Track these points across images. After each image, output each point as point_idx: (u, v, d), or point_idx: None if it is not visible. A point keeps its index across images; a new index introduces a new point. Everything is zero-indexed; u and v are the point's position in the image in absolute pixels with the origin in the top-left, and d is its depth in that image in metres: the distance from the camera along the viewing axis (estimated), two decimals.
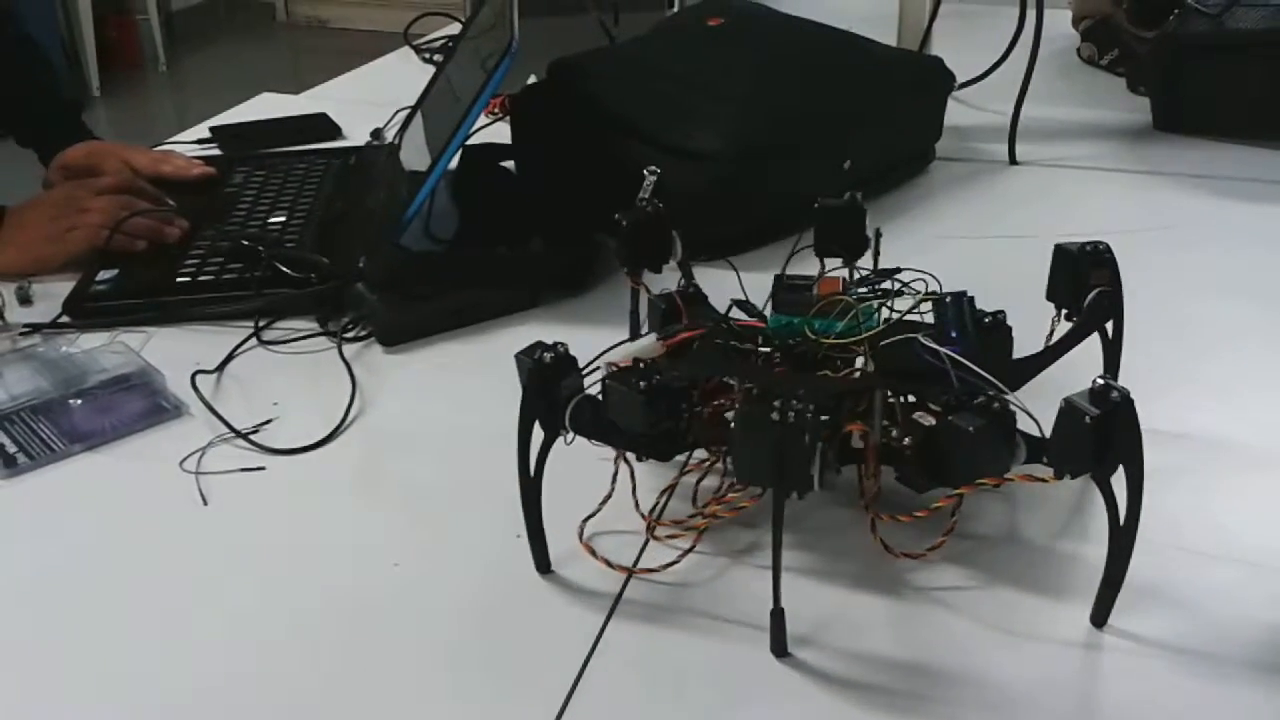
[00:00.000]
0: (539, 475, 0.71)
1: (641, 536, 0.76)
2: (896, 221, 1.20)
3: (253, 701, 0.66)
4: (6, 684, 0.67)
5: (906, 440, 0.70)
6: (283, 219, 1.18)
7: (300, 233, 1.15)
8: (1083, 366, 0.77)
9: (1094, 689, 0.66)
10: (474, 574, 0.74)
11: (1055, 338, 0.81)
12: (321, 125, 1.49)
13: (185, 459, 0.84)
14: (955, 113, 1.36)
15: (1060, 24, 1.65)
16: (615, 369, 0.72)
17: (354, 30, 4.94)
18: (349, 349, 0.98)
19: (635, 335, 0.91)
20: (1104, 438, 0.63)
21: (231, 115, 1.55)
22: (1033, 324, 0.82)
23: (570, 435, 0.70)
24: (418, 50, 1.79)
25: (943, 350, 0.73)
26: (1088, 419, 0.62)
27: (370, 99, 1.50)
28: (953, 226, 0.85)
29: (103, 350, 0.96)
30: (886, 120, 1.26)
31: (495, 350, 0.96)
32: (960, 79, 1.38)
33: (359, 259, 1.02)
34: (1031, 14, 1.34)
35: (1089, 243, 0.80)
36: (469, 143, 1.27)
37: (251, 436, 0.87)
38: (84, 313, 1.03)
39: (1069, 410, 0.64)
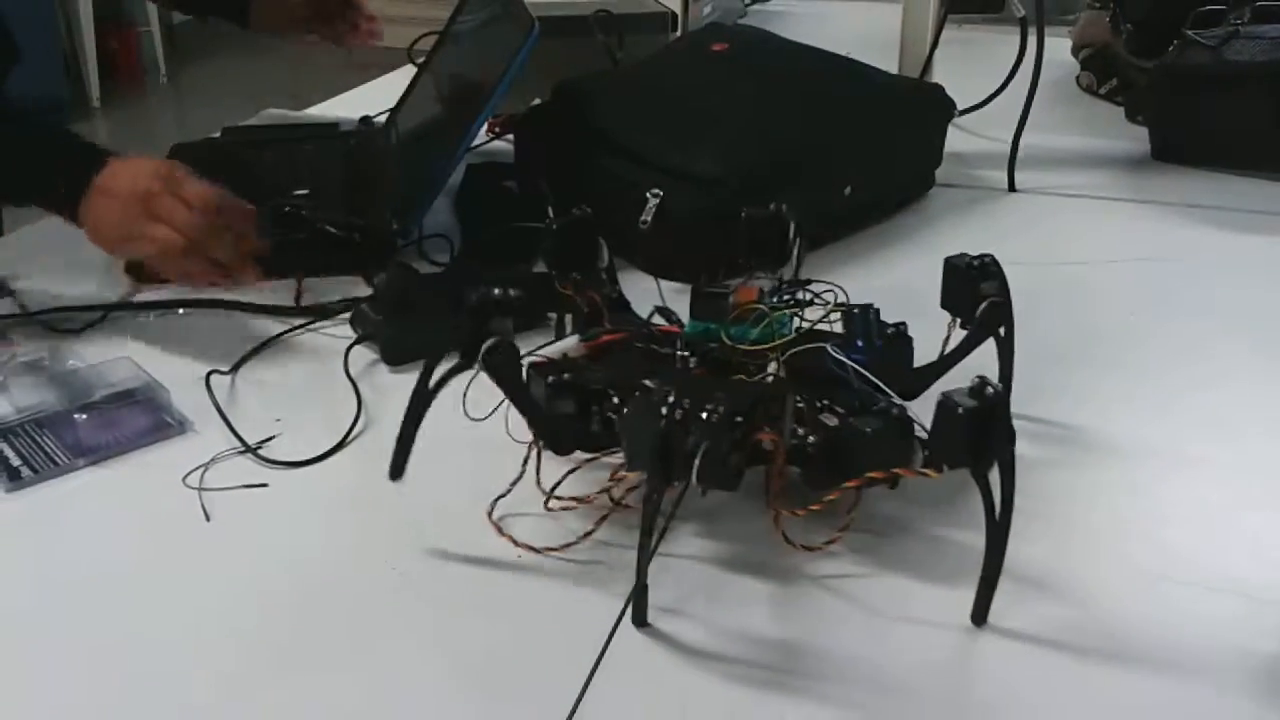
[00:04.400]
0: (435, 391, 0.76)
1: (550, 521, 0.80)
2: (896, 247, 1.21)
3: (256, 715, 0.66)
4: (7, 696, 0.67)
5: (810, 439, 0.75)
6: (305, 191, 1.24)
7: (328, 201, 1.22)
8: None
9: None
10: (472, 588, 0.75)
11: (950, 345, 0.86)
12: (329, 133, 1.50)
13: (188, 474, 0.85)
14: (955, 139, 1.37)
15: (1059, 52, 1.66)
16: (539, 361, 0.79)
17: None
18: (354, 363, 0.98)
19: (561, 336, 0.96)
20: (978, 432, 0.67)
21: None
22: (1028, 345, 0.87)
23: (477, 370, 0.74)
24: (419, 67, 1.79)
25: (847, 359, 0.79)
26: (960, 410, 0.67)
27: (372, 113, 1.50)
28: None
29: (108, 365, 0.96)
30: (887, 147, 1.27)
31: None
32: (960, 105, 1.38)
33: (390, 220, 1.14)
34: (1032, 42, 1.35)
35: (978, 256, 0.86)
36: (472, 161, 1.30)
37: (255, 452, 0.87)
38: (144, 276, 1.10)
39: (945, 405, 0.68)
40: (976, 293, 0.85)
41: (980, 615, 0.72)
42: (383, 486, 0.82)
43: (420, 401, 0.77)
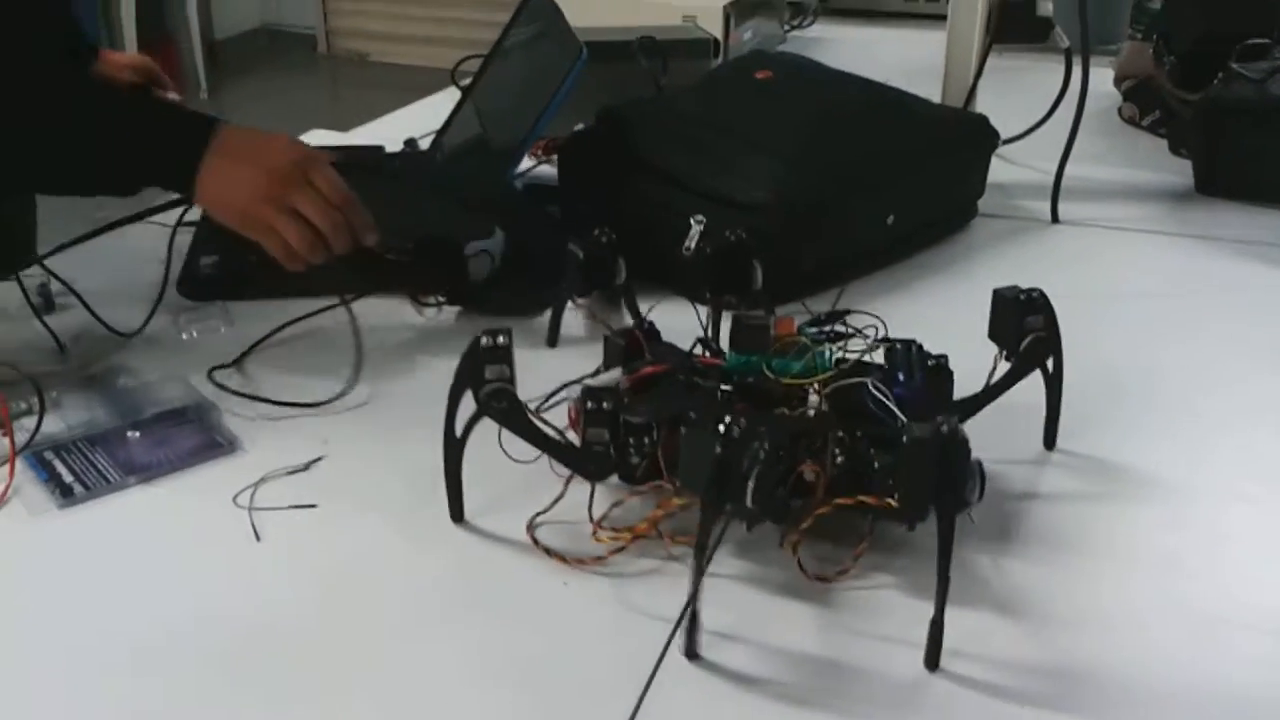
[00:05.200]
0: (463, 438, 0.80)
1: (590, 541, 0.81)
2: (939, 277, 1.21)
3: None
4: (60, 711, 0.68)
5: (839, 459, 0.76)
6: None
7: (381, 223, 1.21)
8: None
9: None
10: (519, 608, 0.76)
11: (996, 375, 0.87)
12: (375, 154, 1.51)
13: (238, 494, 0.86)
14: (997, 169, 1.37)
15: (1101, 82, 1.66)
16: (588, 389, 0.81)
17: (394, 65, 5.00)
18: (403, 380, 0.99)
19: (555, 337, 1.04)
20: (943, 474, 0.69)
21: None
22: (1070, 378, 0.88)
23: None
24: (461, 89, 1.81)
25: (888, 394, 0.80)
26: (917, 445, 0.69)
27: (417, 135, 1.52)
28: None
29: (160, 382, 0.98)
30: (931, 177, 1.27)
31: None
32: (1002, 133, 1.38)
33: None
34: (1077, 73, 1.35)
35: (1027, 290, 0.86)
36: (526, 184, 1.33)
37: (303, 474, 0.88)
38: (195, 293, 1.12)
39: (909, 437, 0.70)
40: (1022, 326, 0.86)
41: (933, 660, 0.71)
42: (431, 508, 0.83)
43: (453, 449, 0.81)
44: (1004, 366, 0.88)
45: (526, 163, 1.39)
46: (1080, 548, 0.83)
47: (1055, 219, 1.35)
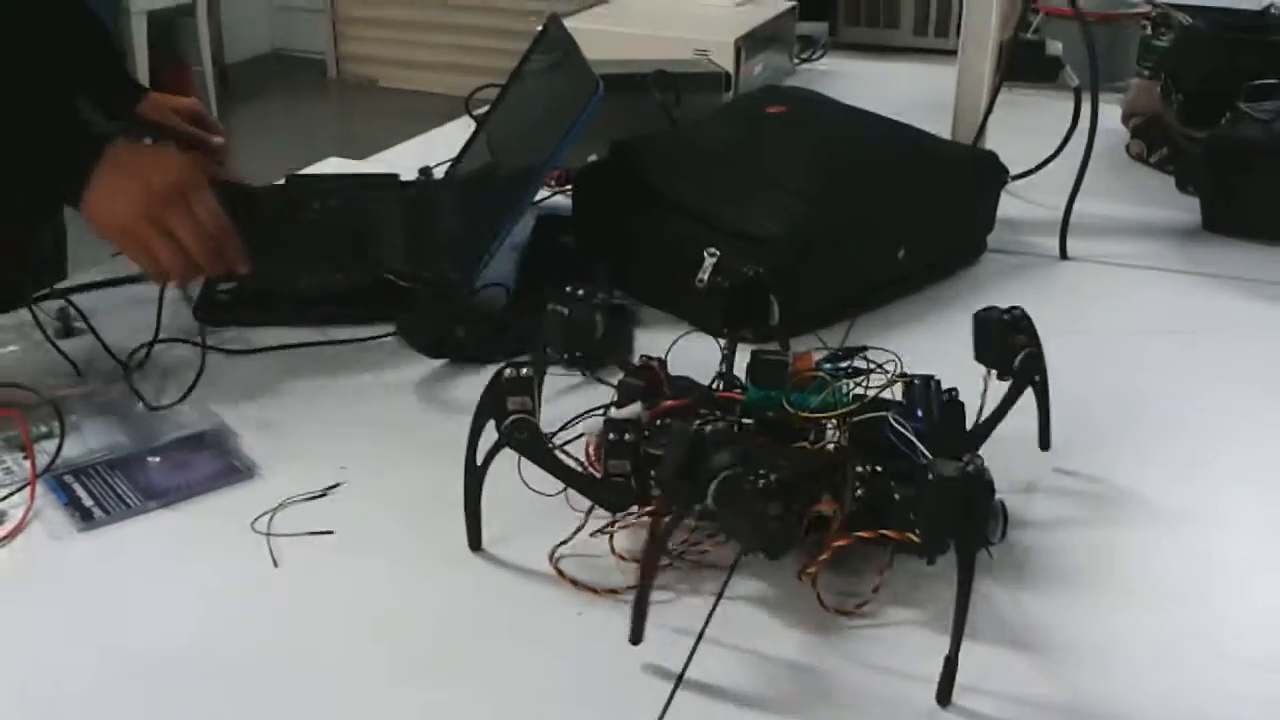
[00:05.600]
0: (484, 467, 0.81)
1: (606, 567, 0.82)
2: (948, 312, 1.22)
3: None
4: None
5: (859, 492, 0.77)
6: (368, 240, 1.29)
7: (390, 252, 1.28)
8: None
9: None
10: (543, 651, 0.76)
11: (987, 393, 0.89)
12: (389, 183, 1.53)
13: (256, 519, 0.86)
14: (1006, 204, 1.39)
15: (1109, 119, 1.67)
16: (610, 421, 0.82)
17: (404, 90, 5.03)
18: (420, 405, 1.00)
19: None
20: (965, 508, 0.70)
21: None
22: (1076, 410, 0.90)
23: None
24: (476, 119, 1.83)
25: (907, 428, 0.80)
26: (940, 483, 0.69)
27: (432, 163, 1.53)
28: None
29: (179, 408, 0.99)
30: (941, 212, 1.28)
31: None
32: (1011, 168, 1.40)
33: (452, 271, 1.17)
34: (1086, 110, 1.37)
35: (1008, 309, 0.89)
36: (541, 214, 1.34)
37: (320, 500, 0.89)
38: (213, 319, 1.14)
39: (931, 475, 0.70)
40: (1011, 344, 0.89)
41: (944, 696, 0.72)
42: (448, 536, 0.84)
43: (473, 478, 0.82)
44: (995, 385, 0.89)
45: (541, 193, 1.40)
46: (1093, 580, 0.83)
47: (1064, 255, 1.36)
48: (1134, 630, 0.79)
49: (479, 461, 0.82)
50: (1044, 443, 0.95)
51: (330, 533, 0.86)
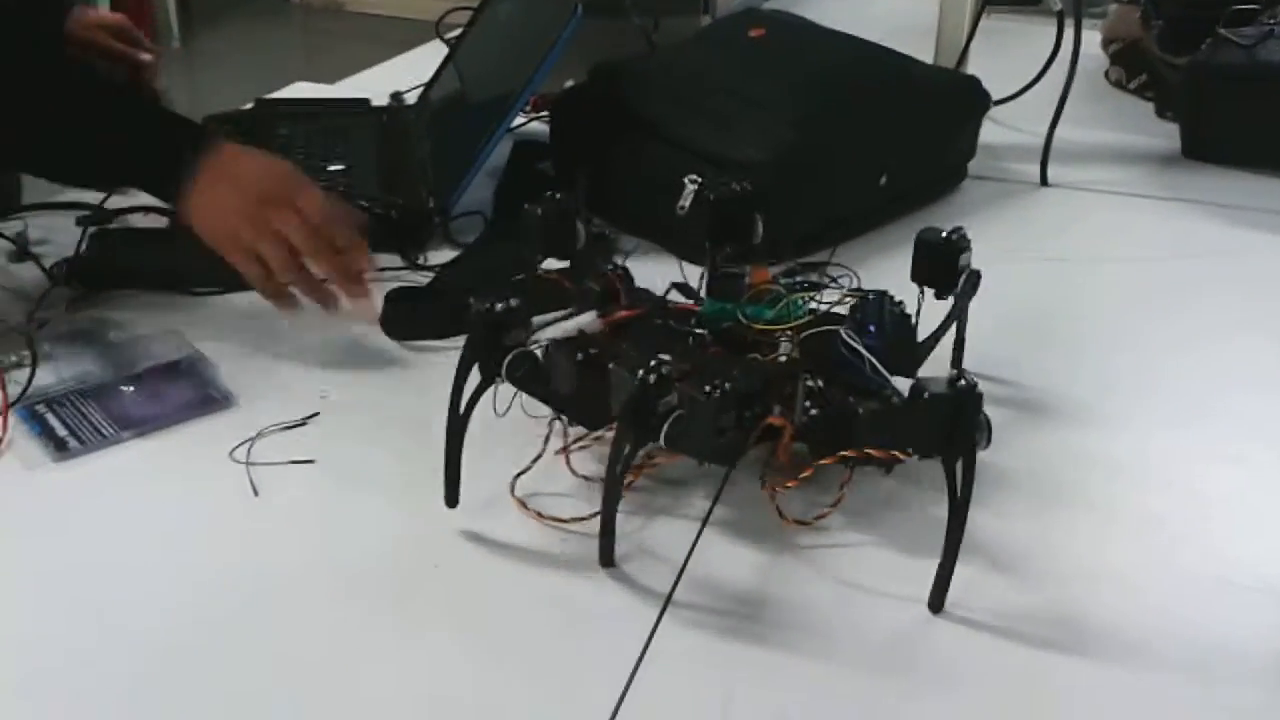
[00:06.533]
0: (467, 415, 0.77)
1: (569, 494, 0.82)
2: None
3: (303, 692, 0.67)
4: (51, 669, 0.68)
5: (813, 411, 0.78)
6: (341, 166, 1.26)
7: (363, 178, 1.25)
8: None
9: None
10: (512, 572, 0.76)
11: (922, 311, 0.89)
12: (361, 108, 1.50)
13: (235, 449, 0.85)
14: (986, 130, 1.37)
15: (1089, 45, 1.65)
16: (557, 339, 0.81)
17: (369, 15, 4.94)
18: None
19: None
20: (950, 422, 0.70)
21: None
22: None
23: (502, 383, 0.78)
24: (447, 43, 1.79)
25: (859, 343, 0.81)
26: (930, 398, 0.70)
27: (403, 89, 1.51)
28: (986, 247, 0.89)
29: (154, 337, 0.97)
30: (923, 138, 1.27)
31: None
32: (991, 94, 1.38)
33: (427, 198, 1.15)
34: (1068, 37, 1.35)
35: (951, 230, 0.88)
36: (517, 140, 1.32)
37: (300, 429, 0.88)
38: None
39: (917, 392, 0.71)
40: (955, 264, 0.88)
41: (937, 603, 0.73)
42: (423, 464, 0.83)
43: (456, 427, 0.78)
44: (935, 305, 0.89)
45: (518, 120, 1.38)
46: (1071, 497, 0.85)
47: (1044, 182, 1.35)
48: (1104, 552, 0.79)
49: (462, 409, 0.78)
50: (956, 362, 0.94)
51: (311, 462, 0.85)
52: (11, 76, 0.95)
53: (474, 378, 0.78)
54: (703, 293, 0.91)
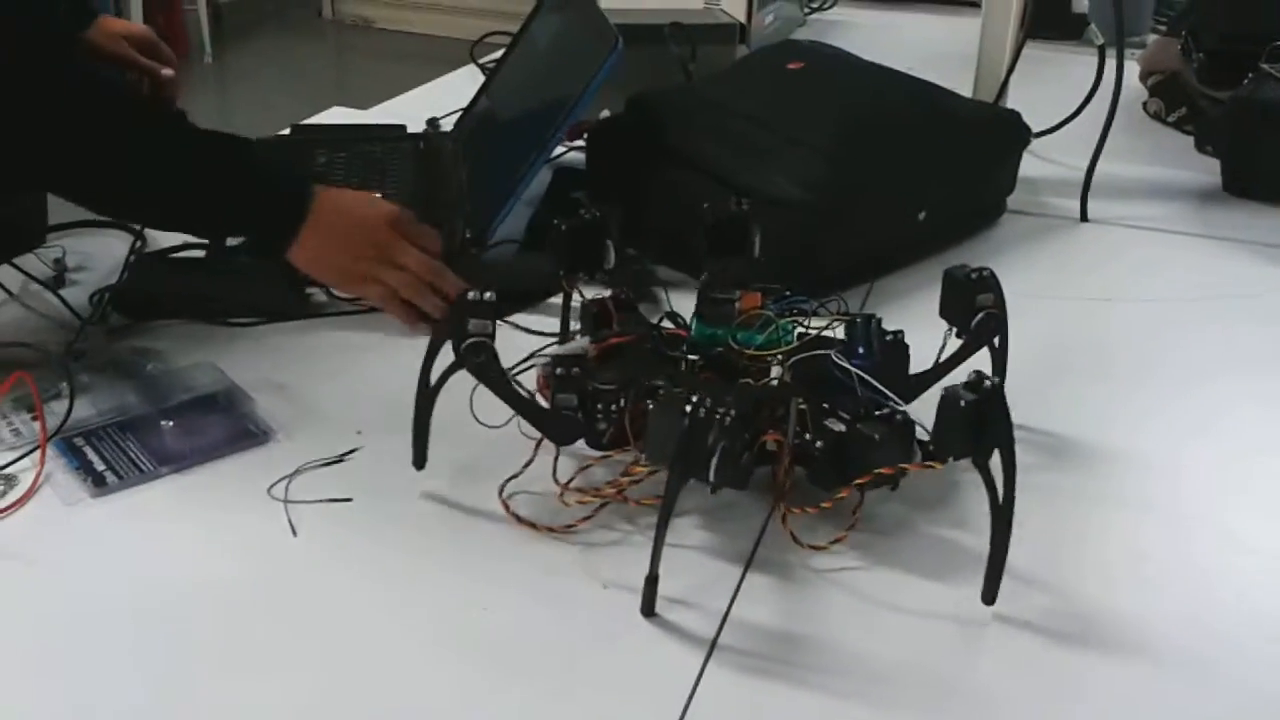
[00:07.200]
0: (436, 389, 0.82)
1: (562, 510, 0.83)
2: None
3: None
4: (86, 704, 0.68)
5: (818, 444, 0.79)
6: (378, 195, 1.22)
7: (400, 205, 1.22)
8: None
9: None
10: (559, 619, 0.75)
11: (946, 353, 0.90)
12: (396, 134, 1.50)
13: (273, 485, 0.85)
14: (1025, 163, 1.36)
15: (1126, 76, 1.65)
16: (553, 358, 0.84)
17: (399, 33, 4.96)
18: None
19: (565, 334, 0.98)
20: (979, 423, 0.72)
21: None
22: (1094, 385, 0.95)
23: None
24: (483, 69, 1.80)
25: (850, 365, 0.83)
26: (962, 403, 0.71)
27: (439, 114, 1.51)
28: (1025, 284, 0.89)
29: (191, 369, 0.97)
30: (963, 173, 1.26)
31: None
32: (1031, 127, 1.37)
33: (464, 227, 1.15)
34: (1109, 68, 1.35)
35: (976, 269, 0.88)
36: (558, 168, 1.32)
37: (337, 465, 0.88)
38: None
39: (948, 399, 0.72)
40: (973, 304, 0.88)
41: (990, 595, 0.75)
42: (462, 504, 0.82)
43: (424, 400, 0.83)
44: (955, 344, 0.90)
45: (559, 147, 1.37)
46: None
47: (1084, 217, 1.34)
48: (1149, 589, 0.79)
49: (432, 382, 0.82)
50: None
51: (349, 500, 0.84)
52: (111, 135, 0.95)
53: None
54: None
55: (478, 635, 0.74)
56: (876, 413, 0.80)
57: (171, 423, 0.90)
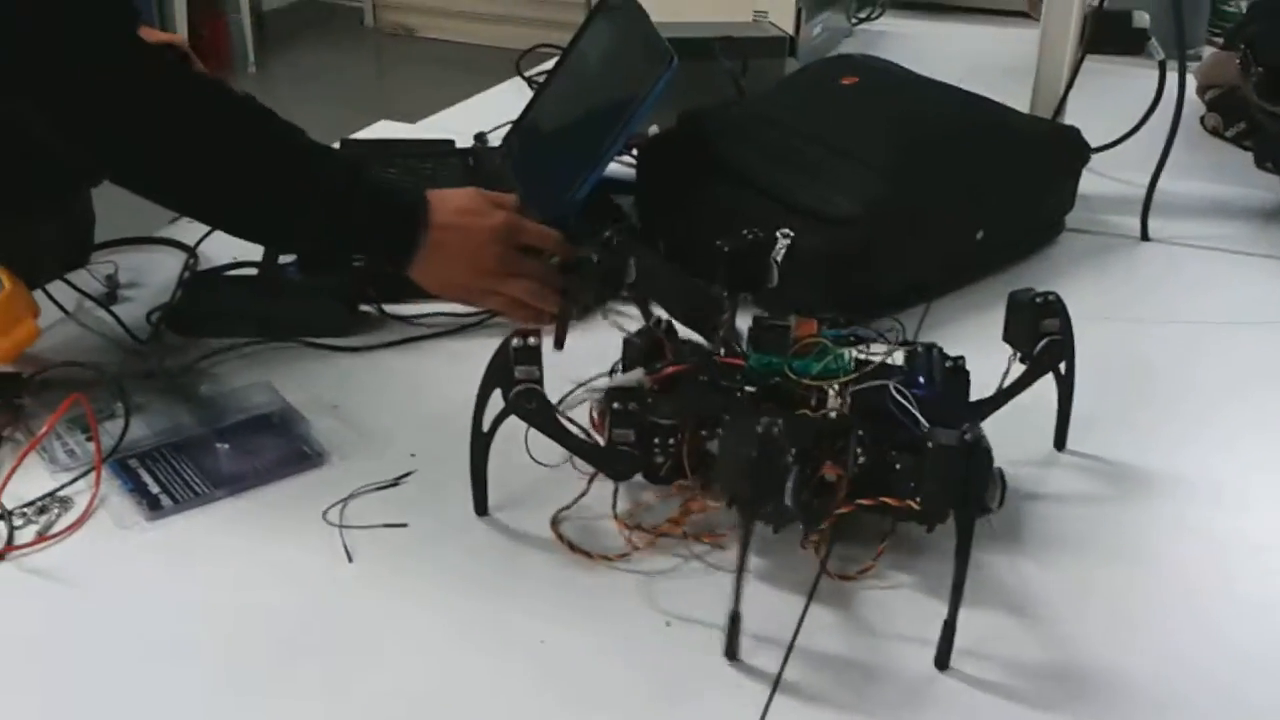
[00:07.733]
0: (490, 433, 0.82)
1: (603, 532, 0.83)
2: None
3: None
4: None
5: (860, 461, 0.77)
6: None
7: None
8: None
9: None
10: (616, 654, 0.74)
11: (1009, 379, 0.88)
12: (445, 149, 1.50)
13: (328, 510, 0.84)
14: (1083, 180, 1.34)
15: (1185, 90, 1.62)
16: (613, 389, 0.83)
17: (441, 41, 4.98)
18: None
19: (562, 340, 0.98)
20: (961, 477, 0.70)
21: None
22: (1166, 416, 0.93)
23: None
24: (529, 82, 1.79)
25: (907, 395, 0.80)
26: (939, 450, 0.71)
27: (485, 128, 1.50)
28: (1087, 305, 0.87)
29: (245, 389, 0.96)
30: (1022, 190, 1.24)
31: None
32: (1089, 142, 1.35)
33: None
34: (1170, 83, 1.32)
35: (1041, 293, 0.87)
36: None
37: (392, 489, 0.87)
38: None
39: (931, 444, 0.72)
40: (1038, 329, 0.87)
41: (943, 659, 0.72)
42: (519, 530, 0.81)
43: (479, 443, 0.83)
44: (1018, 369, 0.88)
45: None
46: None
47: (1145, 236, 1.32)
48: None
49: (485, 428, 0.82)
50: (1059, 441, 0.93)
51: (404, 525, 0.83)
52: (231, 157, 0.97)
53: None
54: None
55: (543, 670, 0.73)
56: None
57: (227, 444, 0.90)
